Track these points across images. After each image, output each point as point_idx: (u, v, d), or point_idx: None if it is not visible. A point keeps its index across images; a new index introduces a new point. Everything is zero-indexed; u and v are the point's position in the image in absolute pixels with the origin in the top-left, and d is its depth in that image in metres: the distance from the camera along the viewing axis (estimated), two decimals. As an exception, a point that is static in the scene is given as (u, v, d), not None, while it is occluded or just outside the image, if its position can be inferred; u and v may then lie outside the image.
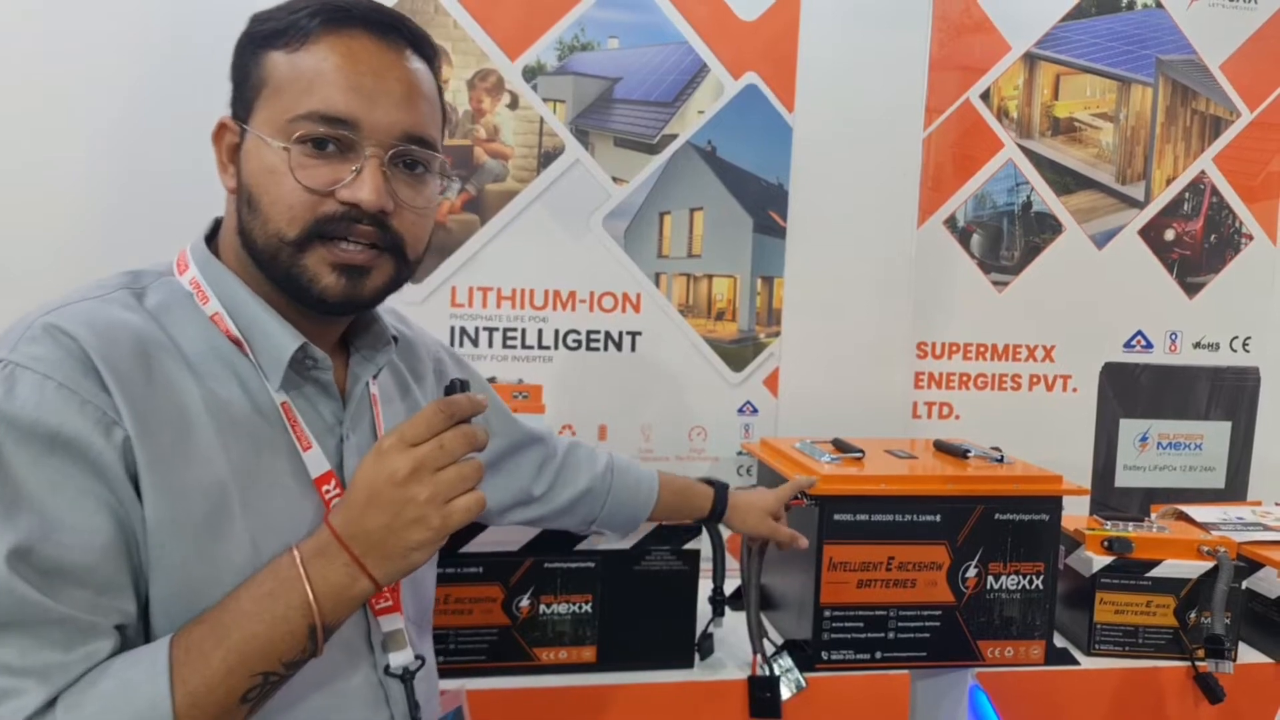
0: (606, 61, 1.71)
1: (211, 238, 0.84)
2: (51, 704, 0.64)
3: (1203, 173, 1.99)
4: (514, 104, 1.68)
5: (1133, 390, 2.00)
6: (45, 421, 0.66)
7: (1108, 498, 1.99)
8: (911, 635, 1.42)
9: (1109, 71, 1.92)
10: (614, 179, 1.74)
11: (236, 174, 0.78)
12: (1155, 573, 1.49)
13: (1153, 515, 1.73)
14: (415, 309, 1.66)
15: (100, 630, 0.67)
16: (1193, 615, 1.49)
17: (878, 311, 1.84)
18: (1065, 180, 1.94)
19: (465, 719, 0.90)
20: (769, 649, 1.39)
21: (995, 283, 1.94)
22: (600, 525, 1.24)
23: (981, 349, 1.95)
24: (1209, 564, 1.48)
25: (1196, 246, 2.00)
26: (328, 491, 0.80)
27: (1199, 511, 1.71)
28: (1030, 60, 1.90)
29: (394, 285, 0.82)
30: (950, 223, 1.91)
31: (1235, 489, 2.04)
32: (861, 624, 1.41)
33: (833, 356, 1.83)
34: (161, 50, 1.52)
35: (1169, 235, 1.99)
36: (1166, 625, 1.50)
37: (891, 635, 1.42)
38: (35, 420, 0.66)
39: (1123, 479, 2.01)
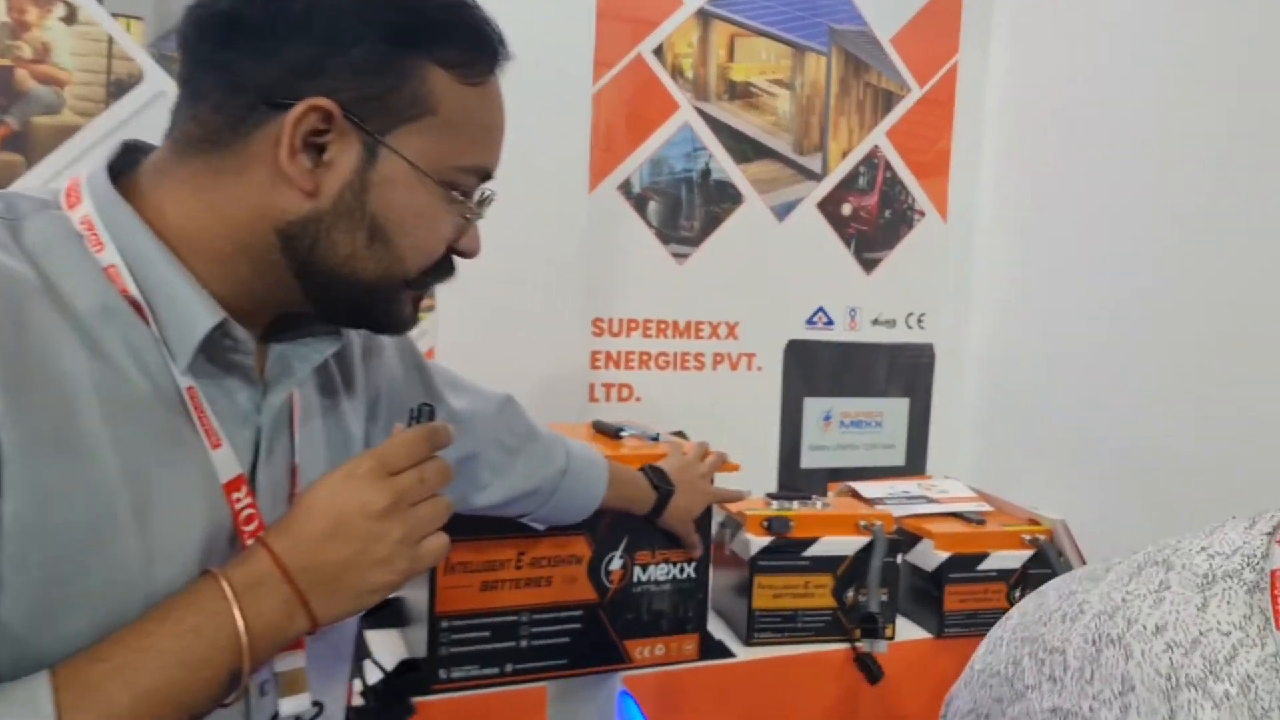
0: (203, -24, 1.42)
1: (118, 170, 0.65)
2: None
3: (876, 147, 1.98)
4: (70, 18, 1.35)
5: (815, 368, 1.96)
6: None
7: (794, 479, 1.93)
8: (548, 641, 1.24)
9: (782, 36, 1.87)
10: (217, 119, 1.45)
11: (350, 190, 0.64)
12: (812, 551, 1.41)
13: (829, 493, 1.67)
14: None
15: None
16: (851, 594, 1.42)
17: (548, 283, 1.67)
18: (744, 148, 1.86)
19: None
20: (371, 674, 1.16)
21: (675, 254, 1.83)
22: (531, 520, 1.13)
23: (662, 326, 1.83)
24: (866, 539, 1.42)
25: (872, 222, 1.99)
26: (238, 500, 0.66)
27: (868, 487, 1.67)
28: (704, 17, 1.80)
29: None
30: (625, 188, 1.78)
31: (915, 465, 2.06)
32: (488, 633, 1.21)
33: (497, 333, 1.64)
34: None
35: (846, 209, 1.96)
36: (825, 606, 1.42)
37: (524, 644, 1.23)
38: None
39: (808, 459, 1.97)
